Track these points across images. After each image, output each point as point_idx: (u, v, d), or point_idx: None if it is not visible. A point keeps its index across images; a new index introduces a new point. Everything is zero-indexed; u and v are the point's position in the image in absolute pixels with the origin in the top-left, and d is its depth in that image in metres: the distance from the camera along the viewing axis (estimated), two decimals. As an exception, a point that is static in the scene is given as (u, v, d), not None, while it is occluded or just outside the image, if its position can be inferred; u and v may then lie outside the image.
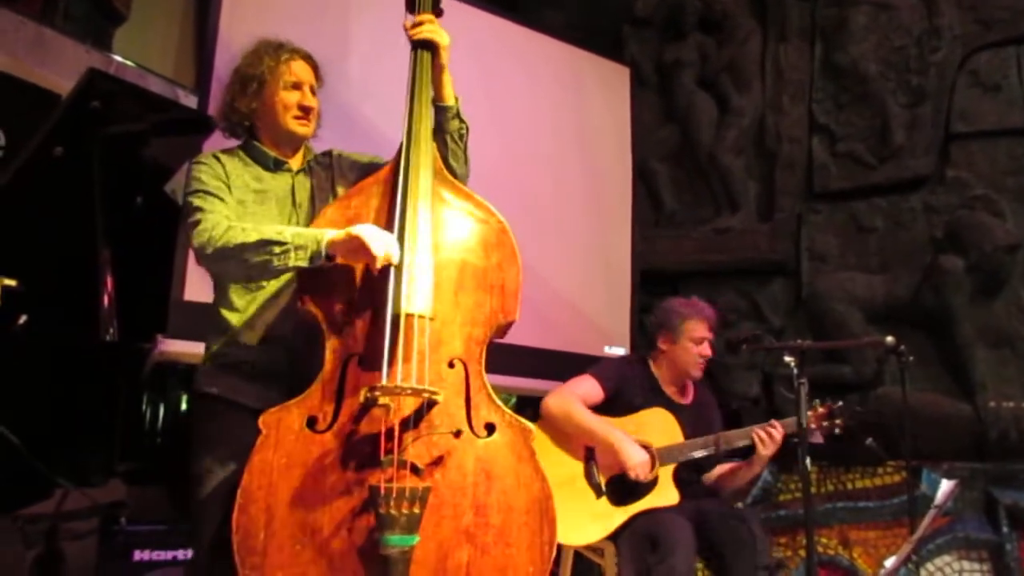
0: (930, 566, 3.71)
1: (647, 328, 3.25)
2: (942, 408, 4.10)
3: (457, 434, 1.82)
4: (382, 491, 1.70)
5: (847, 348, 4.39)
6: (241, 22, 3.50)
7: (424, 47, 2.15)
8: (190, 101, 3.80)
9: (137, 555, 3.08)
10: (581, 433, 2.89)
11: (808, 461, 2.48)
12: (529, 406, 4.61)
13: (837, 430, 2.92)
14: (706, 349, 3.07)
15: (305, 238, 1.88)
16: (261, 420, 1.84)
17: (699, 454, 2.92)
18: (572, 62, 4.79)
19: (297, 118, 2.16)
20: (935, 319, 4.25)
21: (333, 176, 2.26)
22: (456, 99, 2.21)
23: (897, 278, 4.43)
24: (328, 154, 2.30)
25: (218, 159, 2.13)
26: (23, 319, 2.33)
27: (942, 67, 4.48)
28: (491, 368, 1.93)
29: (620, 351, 4.63)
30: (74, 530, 3.15)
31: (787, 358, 2.57)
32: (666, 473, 2.89)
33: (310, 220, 2.12)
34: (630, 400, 3.00)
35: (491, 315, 1.92)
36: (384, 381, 1.78)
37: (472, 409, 1.86)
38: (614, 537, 2.83)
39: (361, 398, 1.79)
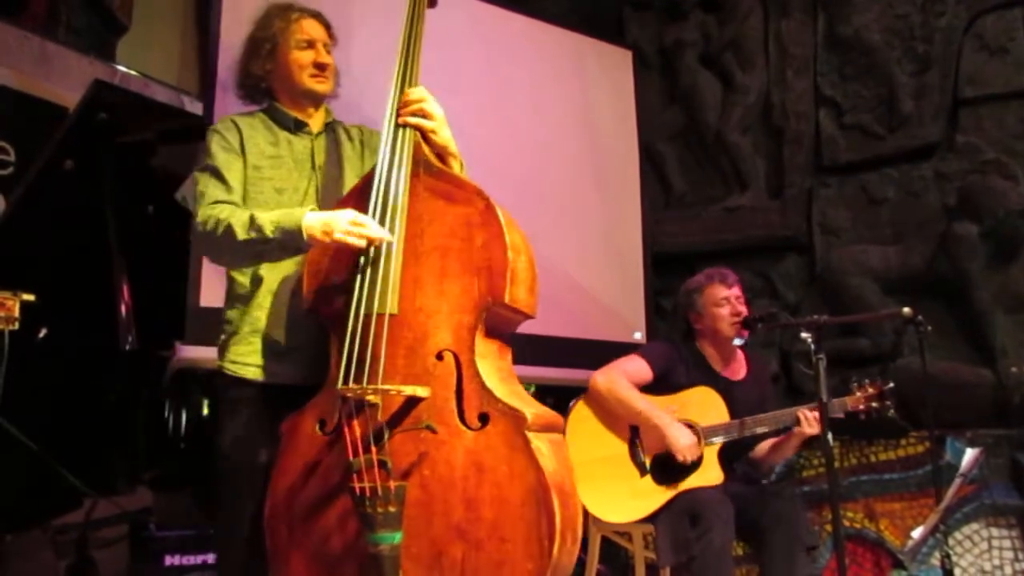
0: (958, 535, 3.70)
1: (677, 317, 3.25)
2: (963, 376, 4.08)
3: (432, 430, 1.75)
4: (356, 492, 1.71)
5: (864, 322, 4.37)
6: (241, 26, 3.46)
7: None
8: (195, 107, 3.81)
9: (168, 560, 3.10)
10: (627, 413, 2.89)
11: (830, 436, 2.47)
12: (549, 395, 4.62)
13: (888, 412, 2.91)
14: (735, 307, 3.04)
15: (287, 232, 1.88)
16: (282, 426, 1.91)
17: (745, 434, 2.92)
18: (574, 48, 4.77)
19: (313, 76, 2.16)
20: (952, 287, 4.23)
21: (363, 152, 2.26)
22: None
23: (911, 248, 4.40)
24: (360, 129, 2.30)
25: (235, 124, 2.13)
26: (43, 332, 2.36)
27: (947, 32, 4.43)
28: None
29: (638, 336, 4.63)
30: (104, 538, 3.18)
31: (804, 334, 2.56)
32: (711, 453, 2.88)
33: (335, 184, 2.14)
34: (677, 381, 3.00)
35: (479, 299, 1.83)
36: (343, 384, 1.79)
37: (464, 400, 1.78)
38: (653, 517, 2.83)
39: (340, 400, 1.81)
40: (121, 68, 3.90)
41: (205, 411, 3.77)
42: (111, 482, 2.60)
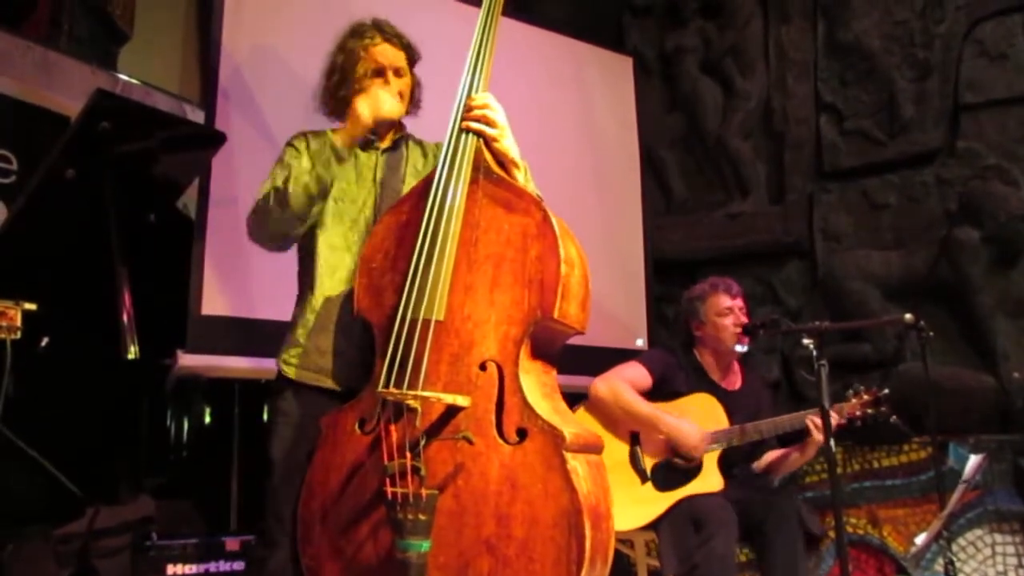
0: (962, 540, 3.69)
1: (679, 324, 3.26)
2: (965, 381, 4.08)
3: (469, 441, 1.73)
4: (389, 496, 1.70)
5: (866, 327, 4.37)
6: (243, 34, 3.51)
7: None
8: (197, 116, 3.82)
9: (170, 569, 3.09)
10: (629, 417, 2.89)
11: (832, 442, 2.47)
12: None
13: (882, 418, 2.90)
14: (738, 317, 3.05)
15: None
16: (322, 421, 1.91)
17: (746, 440, 2.91)
18: (574, 55, 4.78)
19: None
20: (953, 292, 4.23)
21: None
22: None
23: (913, 253, 4.40)
24: (437, 145, 2.29)
25: (306, 138, 2.16)
26: (45, 341, 2.35)
27: (947, 38, 4.44)
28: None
29: (640, 342, 4.62)
30: (106, 547, 3.17)
31: (806, 340, 2.55)
32: (711, 459, 2.88)
33: (393, 198, 2.14)
34: (675, 387, 3.01)
35: (529, 312, 1.80)
36: (384, 387, 1.78)
37: (504, 413, 1.75)
38: (655, 524, 2.83)
39: (380, 403, 1.80)
40: (123, 77, 3.91)
41: (207, 419, 3.77)
42: (113, 491, 2.59)
